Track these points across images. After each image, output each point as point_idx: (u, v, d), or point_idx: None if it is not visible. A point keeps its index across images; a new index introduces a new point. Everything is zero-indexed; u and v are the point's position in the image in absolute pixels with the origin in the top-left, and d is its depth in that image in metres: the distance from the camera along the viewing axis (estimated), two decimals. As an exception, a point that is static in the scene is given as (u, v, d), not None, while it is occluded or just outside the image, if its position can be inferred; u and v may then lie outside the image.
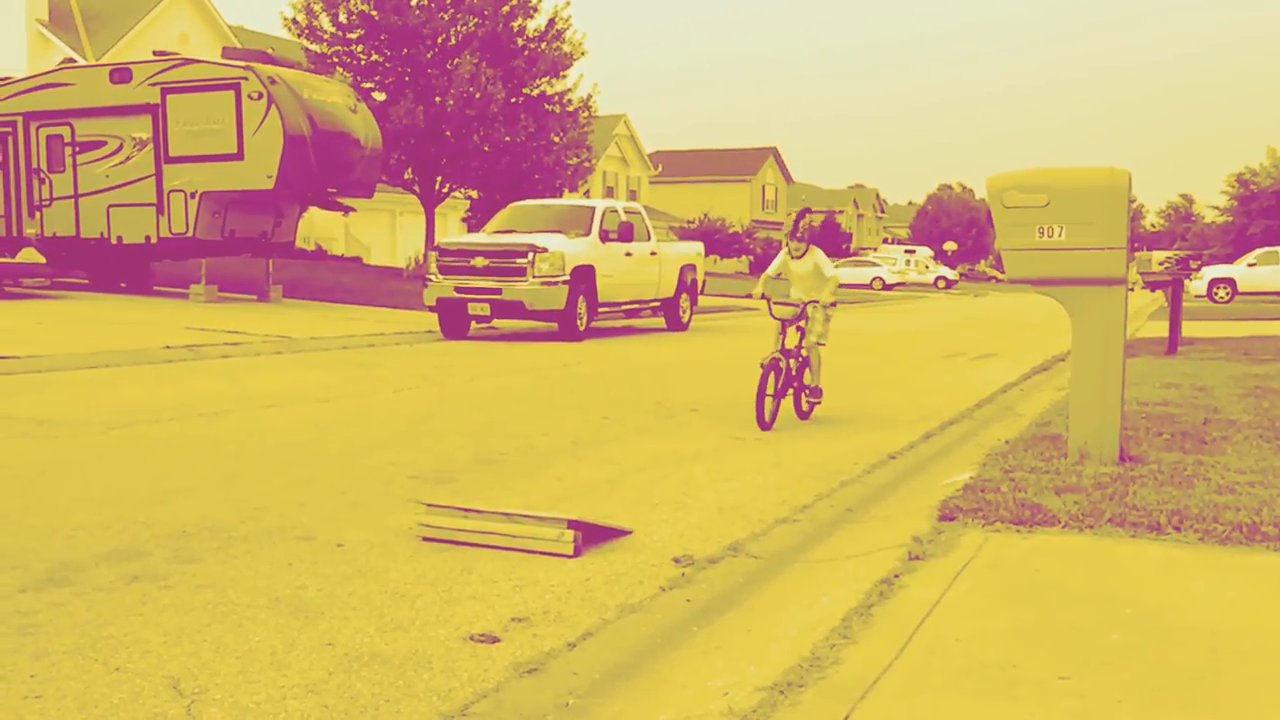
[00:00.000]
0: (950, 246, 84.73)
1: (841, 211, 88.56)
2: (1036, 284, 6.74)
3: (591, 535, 5.30)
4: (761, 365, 8.91)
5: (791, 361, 9.33)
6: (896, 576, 4.48)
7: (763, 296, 9.47)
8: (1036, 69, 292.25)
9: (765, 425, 8.88)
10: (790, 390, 9.40)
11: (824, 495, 6.59)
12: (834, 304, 9.58)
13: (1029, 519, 5.25)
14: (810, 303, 9.40)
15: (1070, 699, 3.24)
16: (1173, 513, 5.25)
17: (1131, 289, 7.72)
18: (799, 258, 9.59)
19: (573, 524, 5.18)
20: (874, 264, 61.37)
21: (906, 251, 71.20)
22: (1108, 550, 4.85)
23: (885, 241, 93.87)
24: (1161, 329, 17.20)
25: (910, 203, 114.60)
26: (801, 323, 9.42)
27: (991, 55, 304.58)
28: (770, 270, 9.86)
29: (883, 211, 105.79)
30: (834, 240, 77.93)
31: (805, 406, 9.66)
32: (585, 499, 6.30)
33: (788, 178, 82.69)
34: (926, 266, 67.83)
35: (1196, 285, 37.42)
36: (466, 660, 3.80)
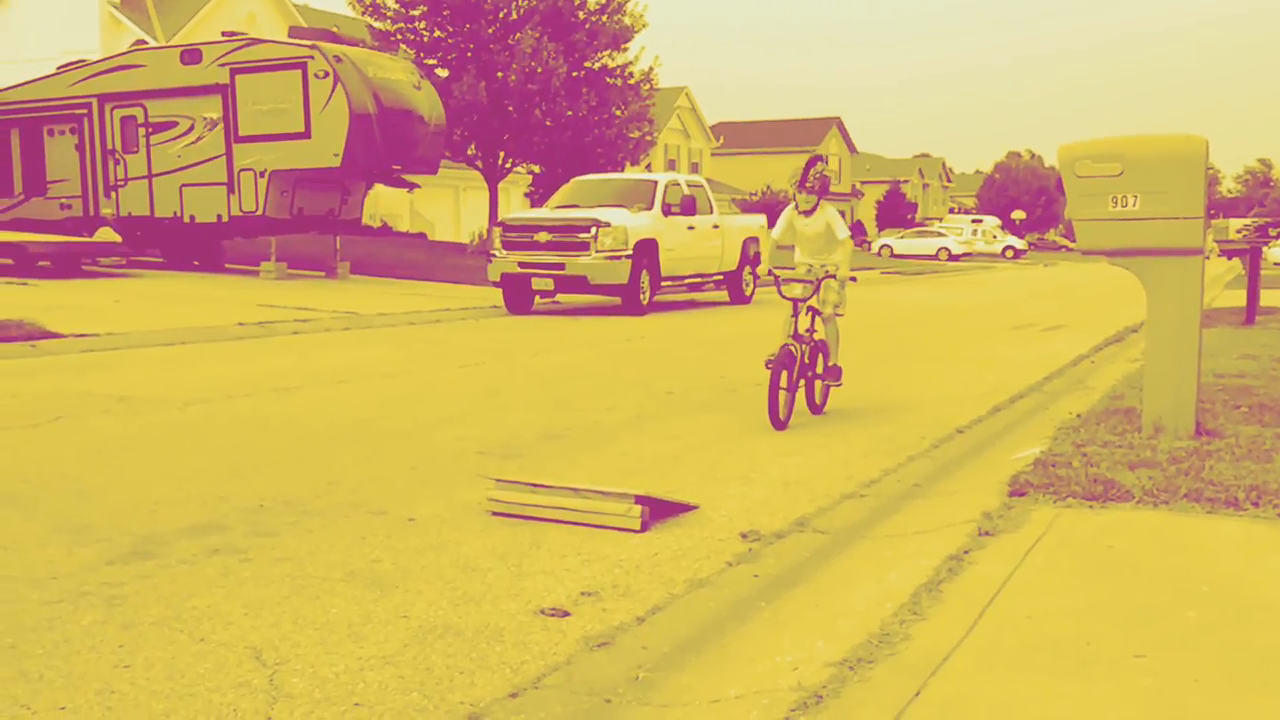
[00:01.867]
0: (1019, 215, 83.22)
1: (907, 181, 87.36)
2: (1110, 255, 6.62)
3: (658, 510, 5.33)
4: (768, 364, 7.75)
5: (804, 348, 8.07)
6: (966, 553, 4.45)
7: (770, 274, 8.30)
8: (1107, 29, 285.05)
9: (779, 424, 7.74)
10: (803, 381, 8.20)
11: (890, 470, 6.56)
12: (853, 278, 8.43)
13: (1102, 494, 5.18)
14: (826, 277, 8.22)
15: (1146, 677, 3.21)
16: (1251, 488, 5.15)
17: (1207, 257, 7.53)
18: (808, 214, 8.32)
19: (640, 499, 5.22)
20: (940, 234, 60.51)
21: (973, 221, 70.10)
22: (1183, 526, 4.77)
23: (951, 211, 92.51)
24: (1239, 298, 16.78)
25: (977, 171, 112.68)
26: (814, 300, 8.21)
27: (1061, 15, 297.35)
28: (775, 234, 8.58)
29: (949, 180, 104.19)
30: (899, 210, 77.01)
31: (819, 399, 8.53)
32: (650, 474, 6.33)
33: (851, 148, 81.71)
34: (994, 236, 66.73)
35: (1276, 253, 36.40)
36: (537, 633, 3.86)
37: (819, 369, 8.38)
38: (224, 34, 23.63)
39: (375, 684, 3.41)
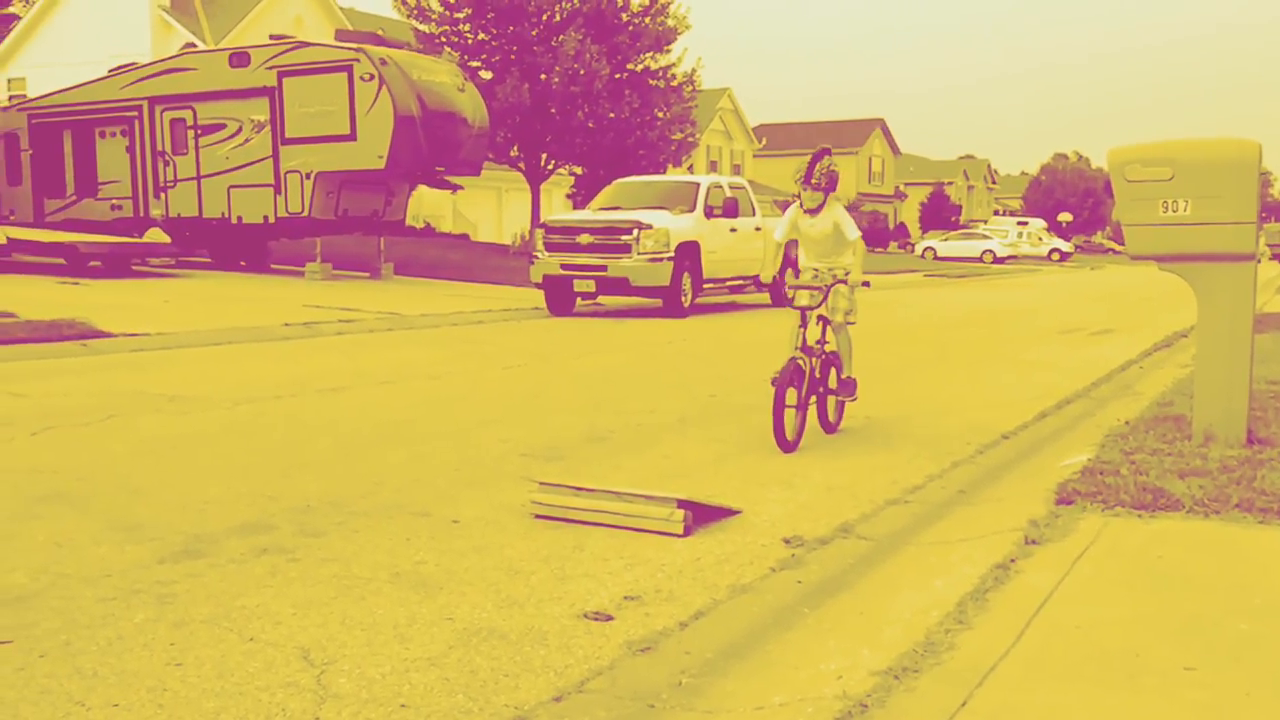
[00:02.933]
0: (1065, 218, 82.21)
1: (951, 183, 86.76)
2: (1160, 260, 6.54)
3: (701, 514, 5.33)
4: (774, 382, 6.98)
5: (814, 361, 7.38)
6: (1012, 561, 4.41)
7: (775, 280, 7.54)
8: (1155, 28, 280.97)
9: (787, 446, 7.03)
10: (814, 397, 7.49)
11: (935, 476, 6.51)
12: (866, 283, 7.60)
13: (1151, 503, 5.11)
14: (836, 283, 7.50)
15: (1196, 690, 3.17)
16: (1305, 499, 5.05)
17: (1259, 262, 7.41)
18: (814, 212, 7.57)
19: (682, 503, 5.22)
20: (985, 236, 59.94)
21: (1019, 223, 69.33)
22: (1235, 537, 4.70)
23: (996, 213, 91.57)
24: (1292, 303, 16.48)
25: (1023, 173, 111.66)
26: (823, 308, 7.50)
27: (1107, 15, 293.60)
28: (778, 235, 7.90)
29: (994, 182, 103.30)
30: (943, 212, 76.43)
31: (834, 416, 7.86)
32: (693, 477, 6.33)
33: (895, 149, 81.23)
34: (1040, 238, 65.99)
35: (1330, 256, 35.68)
36: (581, 637, 3.87)
37: (831, 383, 7.72)
38: (271, 37, 23.90)
39: (421, 685, 3.44)
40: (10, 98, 33.55)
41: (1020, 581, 4.18)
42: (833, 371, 7.72)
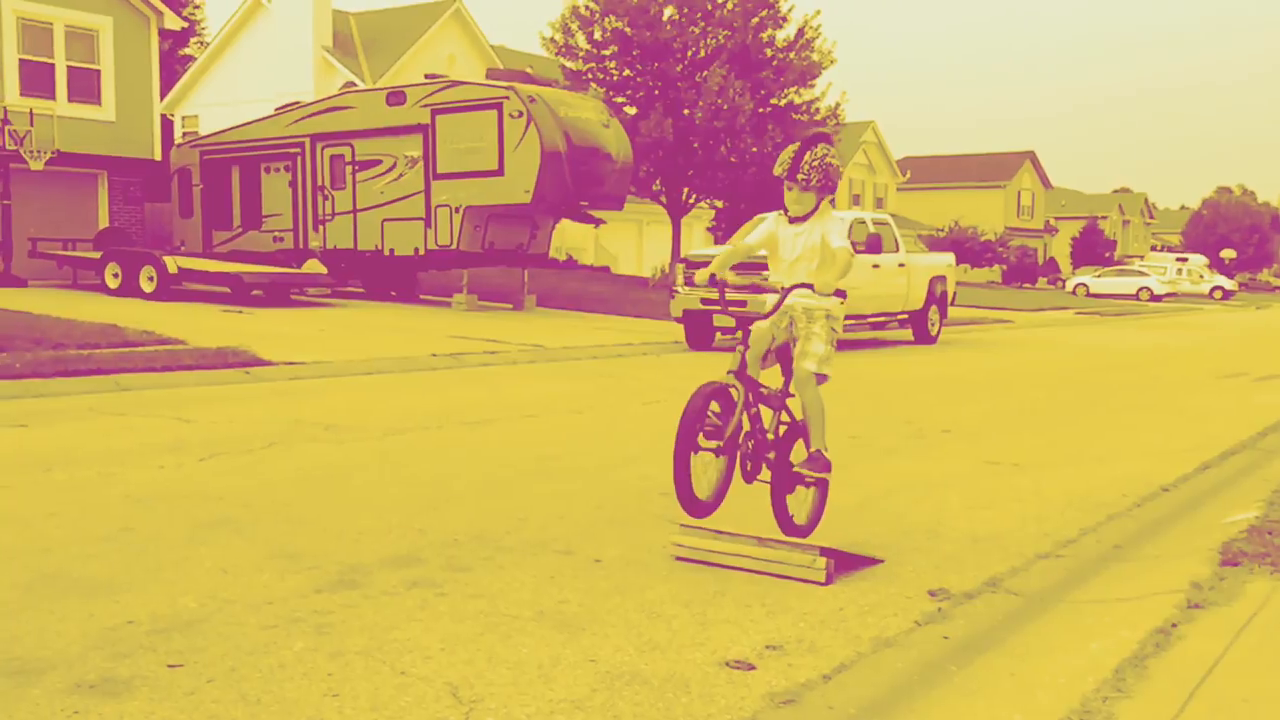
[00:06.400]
0: (1228, 254, 78.66)
1: (1105, 217, 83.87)
2: (1337, 309, 6.20)
3: (843, 563, 5.26)
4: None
5: (766, 412, 5.41)
6: (1174, 626, 4.22)
7: (713, 281, 5.56)
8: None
9: (697, 509, 5.23)
10: (765, 465, 5.48)
11: (1089, 529, 6.28)
12: (841, 294, 5.35)
13: (1326, 569, 4.83)
14: (797, 286, 5.28)
15: (1380, 780, 2.98)
16: None
17: None
18: (800, 220, 5.39)
19: (825, 551, 5.16)
20: (1141, 273, 57.77)
21: (1178, 260, 66.64)
22: None
23: (1154, 249, 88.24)
24: None
25: (1183, 207, 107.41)
26: (796, 348, 5.43)
27: (1272, 45, 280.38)
28: (753, 239, 5.66)
29: (1151, 217, 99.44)
30: (1096, 248, 73.94)
31: (805, 512, 5.65)
32: (833, 523, 6.23)
33: (1046, 182, 79.01)
34: (1201, 276, 63.31)
35: None
36: (723, 686, 3.86)
37: (795, 455, 5.53)
38: (426, 76, 24.79)
39: (565, 728, 3.48)
40: (184, 135, 35.70)
41: (1183, 648, 4.00)
42: (799, 443, 5.58)
